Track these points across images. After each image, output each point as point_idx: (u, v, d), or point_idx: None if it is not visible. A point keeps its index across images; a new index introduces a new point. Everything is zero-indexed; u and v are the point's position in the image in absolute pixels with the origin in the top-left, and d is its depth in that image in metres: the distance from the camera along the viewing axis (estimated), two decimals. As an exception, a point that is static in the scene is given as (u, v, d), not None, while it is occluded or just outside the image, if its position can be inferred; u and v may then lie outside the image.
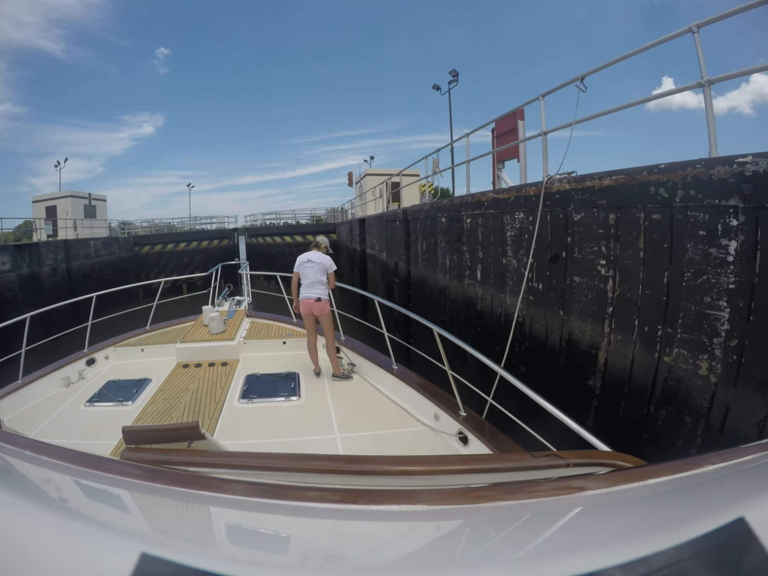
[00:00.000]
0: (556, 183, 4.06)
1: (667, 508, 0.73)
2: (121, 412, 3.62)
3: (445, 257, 6.54)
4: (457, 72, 17.85)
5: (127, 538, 0.61)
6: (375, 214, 13.43)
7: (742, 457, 0.82)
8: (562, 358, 4.05)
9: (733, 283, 2.72)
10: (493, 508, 0.78)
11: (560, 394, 4.08)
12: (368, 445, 3.07)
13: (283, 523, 0.78)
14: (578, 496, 0.79)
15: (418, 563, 0.62)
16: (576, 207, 3.83)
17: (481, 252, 5.35)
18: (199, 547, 0.66)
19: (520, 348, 4.62)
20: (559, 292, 4.03)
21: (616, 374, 3.50)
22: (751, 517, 0.52)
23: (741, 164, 2.71)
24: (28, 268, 14.16)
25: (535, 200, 4.24)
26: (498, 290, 5.00)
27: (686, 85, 3.71)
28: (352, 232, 16.02)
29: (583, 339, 3.78)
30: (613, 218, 3.52)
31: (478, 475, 1.27)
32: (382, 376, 4.02)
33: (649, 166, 3.30)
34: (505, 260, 4.84)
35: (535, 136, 5.09)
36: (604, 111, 4.38)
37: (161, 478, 0.95)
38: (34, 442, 1.15)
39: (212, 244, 24.53)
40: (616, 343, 3.49)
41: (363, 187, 21.06)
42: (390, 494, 0.87)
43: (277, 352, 5.07)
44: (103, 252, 19.41)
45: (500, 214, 4.89)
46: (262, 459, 1.26)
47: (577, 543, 0.62)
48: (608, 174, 3.60)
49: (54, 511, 0.71)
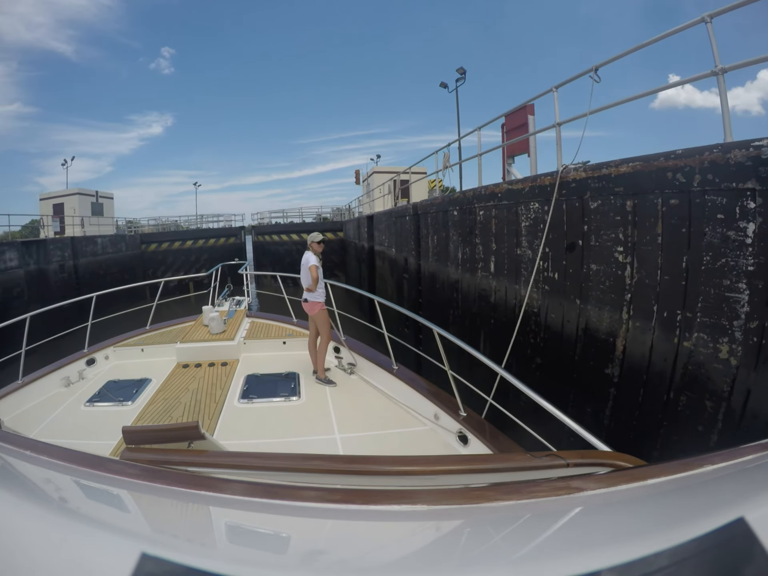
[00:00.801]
0: (572, 172, 4.08)
1: (667, 508, 0.73)
2: (121, 412, 3.62)
3: (457, 250, 6.57)
4: (465, 70, 17.75)
5: (127, 538, 0.61)
6: (384, 210, 13.46)
7: (742, 457, 0.81)
8: (579, 348, 4.07)
9: (752, 265, 2.74)
10: (493, 508, 0.78)
11: (578, 384, 4.11)
12: (368, 445, 3.07)
13: (283, 523, 0.79)
14: (578, 496, 0.79)
15: (418, 563, 0.62)
16: (592, 195, 3.85)
17: (495, 244, 5.38)
18: (199, 547, 0.66)
19: (535, 339, 4.65)
20: (575, 281, 4.05)
21: (634, 361, 3.52)
22: (751, 517, 0.52)
23: (757, 147, 2.74)
24: (35, 265, 14.24)
25: (550, 190, 4.27)
26: (512, 281, 5.02)
27: (701, 74, 3.72)
28: (360, 230, 16.05)
29: (601, 327, 3.80)
30: (630, 205, 3.54)
31: (478, 475, 1.27)
32: (382, 376, 4.01)
33: (666, 152, 3.33)
34: (519, 251, 4.86)
35: (549, 127, 5.11)
36: (619, 101, 4.40)
37: (161, 478, 0.95)
38: (34, 442, 1.16)
39: (219, 242, 24.63)
40: (634, 329, 3.50)
41: (370, 185, 21.11)
42: (390, 494, 0.87)
43: (277, 352, 5.08)
44: (110, 249, 19.55)
45: (514, 204, 4.92)
46: (262, 459, 1.27)
47: (577, 543, 0.62)
48: (625, 161, 3.62)
49: (54, 511, 0.72)
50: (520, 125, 7.74)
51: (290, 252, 23.64)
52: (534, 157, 7.42)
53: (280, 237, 24.36)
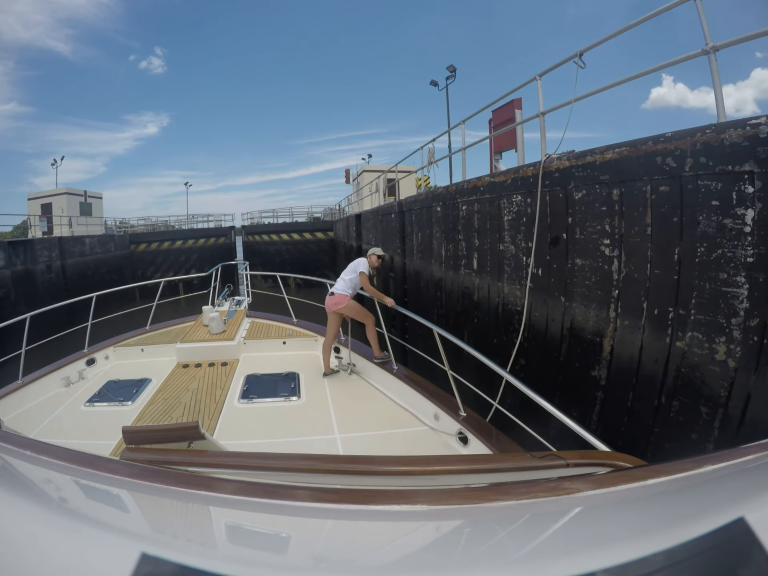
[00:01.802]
0: (555, 161, 3.81)
1: (667, 508, 0.73)
2: (121, 412, 3.62)
3: (440, 247, 6.30)
4: (455, 67, 17.62)
5: (127, 538, 0.60)
6: (371, 209, 13.26)
7: (742, 457, 0.81)
8: (564, 348, 3.80)
9: (751, 256, 2.47)
10: (493, 508, 0.77)
11: (563, 386, 3.85)
12: (368, 445, 3.07)
13: (283, 523, 0.78)
14: (578, 497, 0.78)
15: (418, 563, 0.61)
16: (577, 185, 3.58)
17: (477, 239, 5.10)
18: (199, 547, 0.66)
19: (518, 338, 4.37)
20: (560, 277, 3.78)
21: (623, 363, 3.25)
22: (751, 517, 0.52)
23: (754, 126, 2.48)
24: (22, 265, 13.98)
25: (533, 181, 4.00)
26: (495, 278, 4.75)
27: (692, 53, 3.47)
28: (349, 229, 15.84)
29: (587, 326, 3.53)
30: (617, 194, 3.27)
31: (478, 476, 1.28)
32: (382, 376, 4.01)
33: (655, 135, 3.07)
34: (502, 246, 4.58)
35: (533, 117, 4.83)
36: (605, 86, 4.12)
37: (161, 478, 0.95)
38: (34, 442, 1.15)
39: (209, 242, 24.40)
40: (622, 329, 3.23)
41: (360, 184, 20.89)
42: (390, 494, 0.87)
43: (277, 352, 5.08)
44: (99, 250, 19.25)
45: (497, 198, 4.64)
46: (262, 459, 1.28)
47: (577, 543, 0.61)
48: (611, 147, 3.35)
49: (54, 511, 0.71)
50: (508, 120, 7.53)
51: (280, 252, 23.57)
52: (521, 152, 7.19)
53: (270, 237, 24.09)
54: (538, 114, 4.66)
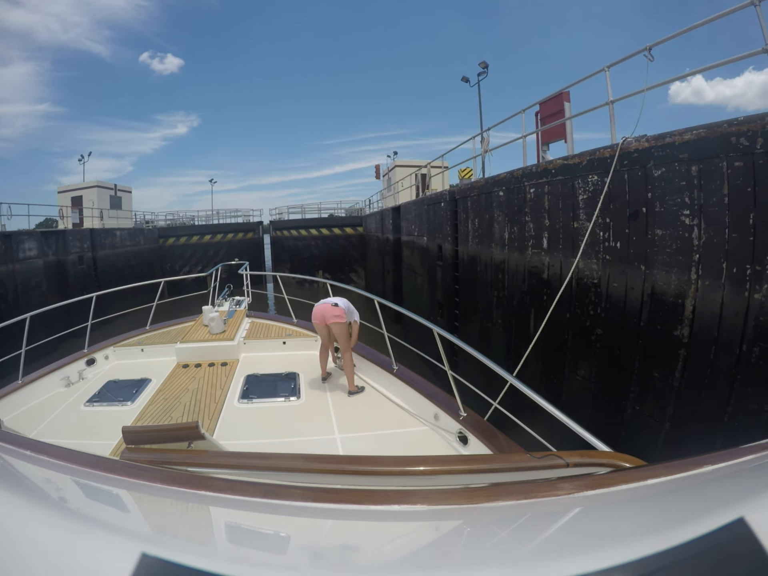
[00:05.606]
0: (633, 143, 4.26)
1: (666, 509, 0.74)
2: (121, 412, 3.62)
3: (503, 231, 6.75)
4: (487, 63, 17.91)
5: (127, 538, 0.61)
6: (413, 200, 13.57)
7: (742, 457, 0.81)
8: (644, 313, 4.22)
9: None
10: (493, 508, 0.78)
11: (643, 350, 4.24)
12: (368, 445, 3.07)
13: (283, 523, 0.79)
14: (578, 497, 0.79)
15: (418, 563, 0.62)
16: (656, 163, 4.03)
17: (548, 219, 5.56)
18: (200, 546, 0.67)
19: (595, 310, 4.81)
20: (640, 248, 4.22)
21: (705, 320, 3.65)
22: (751, 517, 0.52)
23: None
24: (54, 256, 14.03)
25: (610, 161, 4.45)
26: (568, 255, 5.19)
27: (752, 51, 3.95)
28: (384, 222, 16.15)
29: (668, 290, 3.96)
30: (695, 170, 3.72)
31: (478, 476, 1.29)
32: (382, 376, 4.00)
33: (729, 119, 3.54)
34: (576, 224, 5.04)
35: (602, 105, 5.29)
36: (676, 77, 4.60)
37: (161, 478, 0.96)
38: (34, 442, 1.17)
39: (237, 237, 24.35)
40: (704, 288, 3.67)
41: (391, 179, 21.14)
42: (390, 494, 0.87)
43: (277, 352, 5.08)
44: (129, 242, 19.30)
45: (570, 179, 5.10)
46: (262, 459, 1.28)
47: (577, 543, 0.62)
48: (688, 130, 3.80)
49: (54, 511, 0.72)
50: (556, 112, 7.90)
51: (308, 247, 23.35)
52: (571, 143, 7.57)
53: (299, 232, 23.87)
54: (607, 102, 5.14)
